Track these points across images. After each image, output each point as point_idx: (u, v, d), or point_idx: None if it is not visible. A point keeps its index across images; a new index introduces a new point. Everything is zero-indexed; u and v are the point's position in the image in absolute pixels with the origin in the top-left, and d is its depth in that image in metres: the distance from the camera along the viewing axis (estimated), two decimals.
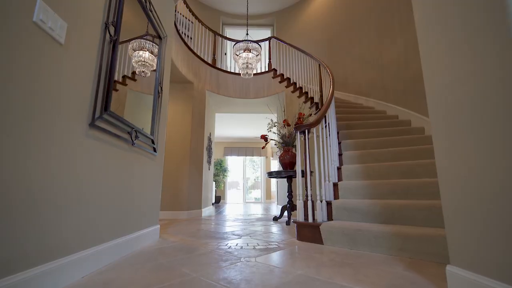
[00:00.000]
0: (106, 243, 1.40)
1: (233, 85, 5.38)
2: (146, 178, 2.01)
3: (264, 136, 3.80)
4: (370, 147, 2.88)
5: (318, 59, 4.10)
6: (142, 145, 1.92)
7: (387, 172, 2.33)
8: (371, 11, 4.60)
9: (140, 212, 1.89)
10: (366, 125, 3.40)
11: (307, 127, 2.26)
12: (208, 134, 5.39)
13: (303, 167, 2.31)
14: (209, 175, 5.48)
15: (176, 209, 4.10)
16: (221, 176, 10.08)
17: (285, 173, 3.45)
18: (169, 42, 2.60)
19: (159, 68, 2.24)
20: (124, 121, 1.61)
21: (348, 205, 2.04)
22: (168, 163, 4.26)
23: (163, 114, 2.39)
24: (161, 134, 2.33)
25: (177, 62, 4.05)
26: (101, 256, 1.33)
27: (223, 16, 7.20)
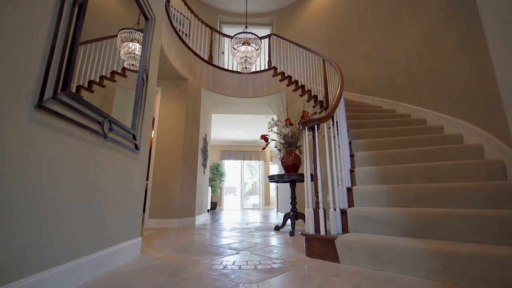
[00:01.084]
0: (58, 267, 1.04)
1: (230, 84, 5.07)
2: (124, 181, 1.66)
3: (265, 136, 3.47)
4: (384, 147, 2.56)
5: (322, 55, 3.82)
6: (120, 140, 1.58)
7: (408, 175, 2.01)
8: (375, 6, 4.35)
9: (115, 223, 1.54)
10: (377, 124, 3.09)
11: (317, 122, 1.94)
12: (204, 135, 5.05)
13: (312, 170, 1.98)
14: (204, 180, 5.13)
15: (167, 217, 3.73)
16: (218, 181, 9.70)
17: (288, 177, 3.11)
18: (158, 26, 2.28)
19: (145, 52, 1.92)
20: (93, 107, 1.27)
21: (367, 214, 1.71)
22: (158, 165, 3.91)
23: (149, 106, 2.05)
24: (145, 130, 1.99)
25: (170, 55, 3.74)
26: (49, 284, 0.98)
27: (221, 14, 6.94)
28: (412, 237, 1.50)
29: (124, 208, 1.66)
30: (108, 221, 1.46)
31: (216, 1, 6.72)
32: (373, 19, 4.38)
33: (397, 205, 1.80)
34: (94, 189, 1.32)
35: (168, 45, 3.64)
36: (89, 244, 1.27)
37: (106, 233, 1.43)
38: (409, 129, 2.81)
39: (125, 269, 1.43)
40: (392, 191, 1.84)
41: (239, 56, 3.54)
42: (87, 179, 1.25)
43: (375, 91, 4.24)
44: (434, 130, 2.73)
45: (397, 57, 3.72)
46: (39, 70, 0.95)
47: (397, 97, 3.71)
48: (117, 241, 1.56)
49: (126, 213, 1.69)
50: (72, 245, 1.14)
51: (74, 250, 1.15)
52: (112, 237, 1.50)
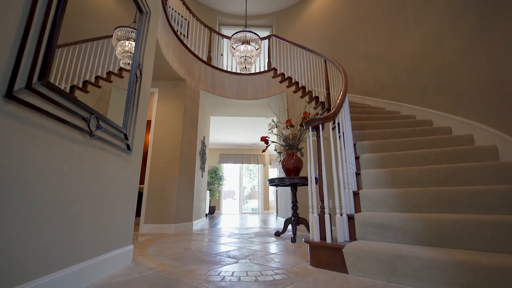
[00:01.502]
0: (31, 282, 0.91)
1: (229, 85, 4.96)
2: (114, 184, 1.53)
3: (265, 138, 3.35)
4: (390, 149, 2.44)
5: (323, 55, 3.72)
6: (109, 139, 1.45)
7: (419, 178, 1.88)
8: (377, 5, 4.27)
9: (103, 230, 1.40)
10: (381, 125, 2.98)
11: (322, 121, 1.82)
12: (202, 137, 4.92)
13: (317, 173, 1.85)
14: (202, 183, 4.98)
15: (163, 222, 3.58)
16: (216, 185, 9.54)
17: (289, 180, 2.98)
18: (154, 21, 2.17)
19: (138, 46, 1.80)
20: (77, 102, 1.15)
21: (377, 220, 1.58)
22: (155, 168, 3.77)
23: (143, 104, 1.93)
24: (139, 129, 1.86)
25: (168, 55, 3.63)
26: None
27: (220, 16, 6.88)
28: (429, 246, 1.37)
29: (113, 213, 1.52)
30: (95, 228, 1.32)
31: (215, 2, 6.65)
32: (375, 19, 4.30)
33: (409, 210, 1.67)
34: (78, 193, 1.18)
35: (165, 44, 3.53)
36: (71, 254, 1.13)
37: (92, 241, 1.29)
38: (415, 130, 2.70)
39: (112, 282, 1.29)
40: (402, 195, 1.72)
41: (239, 56, 3.44)
42: (69, 181, 1.12)
43: (378, 93, 4.14)
44: (442, 131, 2.62)
45: (401, 57, 3.63)
46: (9, 55, 0.83)
47: (401, 98, 3.61)
48: (105, 250, 1.42)
49: (116, 219, 1.56)
50: (51, 256, 1.00)
51: (52, 261, 1.01)
52: (99, 245, 1.36)
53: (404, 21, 3.62)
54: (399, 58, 3.67)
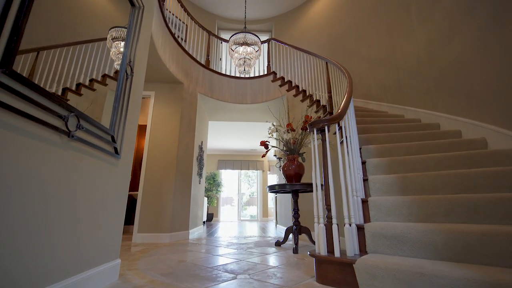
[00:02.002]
0: None
1: (228, 89, 4.85)
2: (99, 191, 1.37)
3: (264, 143, 3.21)
4: (398, 153, 2.30)
5: (325, 57, 3.62)
6: (93, 141, 1.30)
7: (433, 185, 1.74)
8: (379, 6, 4.20)
9: (84, 244, 1.24)
10: (386, 129, 2.85)
11: (328, 123, 1.68)
12: (200, 142, 4.78)
13: (322, 179, 1.70)
14: (199, 190, 4.81)
15: (157, 231, 3.40)
16: (214, 191, 9.35)
17: (290, 187, 2.83)
18: (148, 17, 2.05)
19: (129, 42, 1.67)
20: (53, 97, 1.00)
21: (391, 232, 1.43)
22: (150, 175, 3.60)
23: (134, 105, 1.79)
24: (129, 131, 1.71)
25: (164, 57, 3.51)
26: None
27: (219, 20, 6.82)
28: (452, 261, 1.22)
29: (98, 225, 1.36)
30: (76, 242, 1.16)
31: (214, 7, 6.60)
32: (377, 21, 4.23)
33: (425, 220, 1.52)
34: (54, 203, 1.03)
35: (162, 45, 3.42)
36: (48, 273, 0.97)
37: (72, 257, 1.13)
38: (422, 134, 2.57)
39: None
40: (417, 203, 1.57)
41: (237, 58, 3.32)
42: (42, 190, 0.96)
43: (380, 96, 4.03)
44: (451, 134, 2.49)
45: (404, 58, 3.53)
46: None
47: (405, 101, 3.50)
48: (87, 266, 1.25)
49: (102, 231, 1.39)
50: (22, 277, 0.84)
51: (24, 283, 0.85)
52: (80, 261, 1.20)
53: (407, 22, 3.53)
54: (402, 60, 3.57)
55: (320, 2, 5.90)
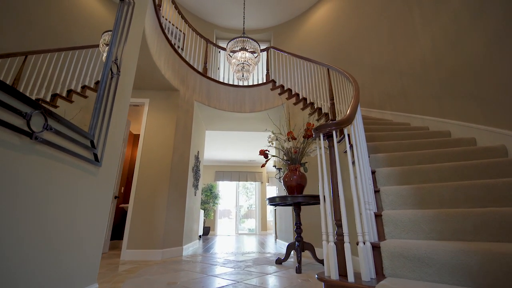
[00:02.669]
0: None
1: (226, 97, 4.71)
2: (73, 205, 1.17)
3: (264, 152, 3.02)
4: (410, 162, 2.13)
5: (326, 64, 3.50)
6: (65, 145, 1.11)
7: (454, 197, 1.55)
8: (380, 13, 4.14)
9: (57, 269, 1.02)
10: (394, 136, 2.69)
11: (335, 127, 1.51)
12: (196, 152, 4.58)
13: (329, 190, 1.51)
14: (195, 202, 4.57)
15: (148, 247, 3.15)
16: (211, 204, 9.05)
17: (291, 199, 2.63)
18: (139, 14, 1.91)
19: (116, 37, 1.51)
20: (9, 89, 0.82)
21: (412, 251, 1.23)
22: (141, 186, 3.38)
23: (120, 107, 1.61)
24: (113, 136, 1.53)
25: (159, 63, 3.38)
26: None
27: (217, 30, 6.79)
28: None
29: (69, 245, 1.15)
30: (44, 266, 0.95)
31: (212, 17, 6.59)
32: (378, 28, 4.16)
33: (450, 237, 1.32)
34: (12, 220, 0.83)
35: (157, 51, 3.29)
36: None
37: (38, 285, 0.92)
38: (433, 142, 2.40)
39: None
40: (440, 218, 1.37)
41: (235, 64, 3.19)
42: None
43: (383, 104, 3.90)
44: (465, 142, 2.32)
45: (409, 64, 3.42)
46: None
47: (410, 108, 3.36)
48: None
49: (73, 253, 1.18)
50: None
51: None
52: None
53: (410, 28, 3.45)
54: (406, 66, 3.46)
55: (319, 12, 5.90)
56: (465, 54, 2.52)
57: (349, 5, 5.07)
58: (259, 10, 6.36)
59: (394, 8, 3.83)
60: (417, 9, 3.32)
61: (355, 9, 4.86)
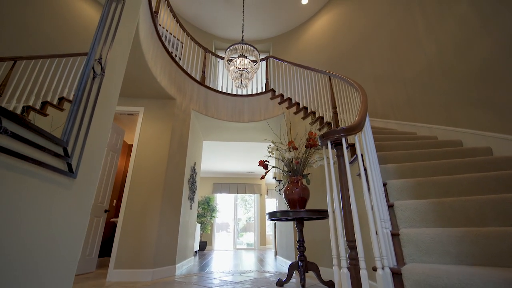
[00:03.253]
0: None
1: (224, 106, 4.58)
2: (36, 224, 0.98)
3: (264, 163, 2.84)
4: (424, 173, 1.95)
5: (329, 72, 3.39)
6: (27, 152, 0.93)
7: (481, 213, 1.36)
8: (381, 23, 4.08)
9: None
10: (402, 146, 2.52)
11: (345, 134, 1.34)
12: (192, 163, 4.39)
13: (336, 206, 1.32)
14: (190, 216, 4.33)
15: (138, 267, 2.89)
16: (209, 217, 8.74)
17: (293, 214, 2.42)
18: (131, 13, 1.78)
19: (101, 34, 1.36)
20: None
21: (442, 280, 1.03)
22: (132, 200, 3.17)
23: (103, 111, 1.44)
24: (93, 144, 1.35)
25: (155, 70, 3.25)
26: None
27: (216, 41, 6.76)
28: None
29: (32, 275, 0.94)
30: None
31: (212, 27, 6.57)
32: (380, 36, 4.08)
33: (486, 262, 1.13)
34: None
35: (152, 57, 3.17)
36: None
37: None
38: (446, 151, 2.23)
39: None
40: (468, 238, 1.18)
41: (234, 71, 3.06)
42: None
43: (387, 114, 3.76)
44: (481, 152, 2.16)
45: (413, 72, 3.31)
46: None
47: (417, 117, 3.22)
48: None
49: (42, 279, 0.97)
50: None
51: None
52: None
53: (413, 35, 3.36)
54: (410, 74, 3.35)
55: (318, 23, 5.88)
56: (477, 59, 2.40)
57: (348, 15, 5.05)
58: (258, 21, 6.35)
59: (396, 16, 3.76)
60: (420, 16, 3.24)
61: (355, 18, 4.82)
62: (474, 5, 2.48)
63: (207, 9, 6.00)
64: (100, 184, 3.66)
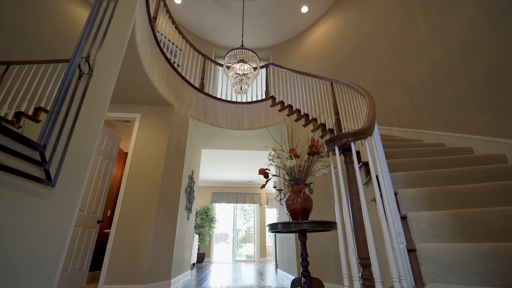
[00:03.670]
0: None
1: (223, 113, 4.48)
2: (8, 241, 0.84)
3: (264, 171, 2.71)
4: (436, 182, 1.82)
5: (330, 78, 3.31)
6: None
7: (507, 226, 1.23)
8: (383, 28, 4.04)
9: None
10: (409, 154, 2.40)
11: (353, 138, 1.22)
12: (190, 172, 4.25)
13: (346, 216, 1.19)
14: (187, 228, 4.16)
15: (130, 282, 2.72)
16: (207, 228, 8.51)
17: (296, 226, 2.26)
18: (125, 11, 1.70)
19: (89, 29, 1.26)
20: None
21: None
22: (126, 211, 3.02)
23: (91, 114, 1.33)
24: (77, 150, 1.23)
25: (152, 76, 3.16)
26: None
27: (216, 49, 6.74)
28: None
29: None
30: None
31: (211, 36, 6.56)
32: (380, 42, 4.03)
33: None
34: None
35: (150, 63, 3.09)
36: None
37: None
38: (459, 159, 2.11)
39: None
40: (498, 256, 1.05)
41: (233, 77, 2.98)
42: None
43: (391, 121, 3.66)
44: (493, 159, 2.04)
45: (417, 78, 3.22)
46: None
47: (421, 124, 3.11)
48: None
49: None
50: None
51: None
52: None
53: (416, 40, 3.30)
54: (414, 79, 3.27)
55: (319, 30, 5.87)
56: (486, 63, 2.31)
57: (349, 22, 5.02)
58: (258, 30, 6.35)
59: (397, 21, 3.72)
60: (423, 20, 3.19)
61: (356, 25, 4.79)
62: (480, 6, 2.41)
63: (207, 17, 6.00)
64: (94, 193, 3.51)
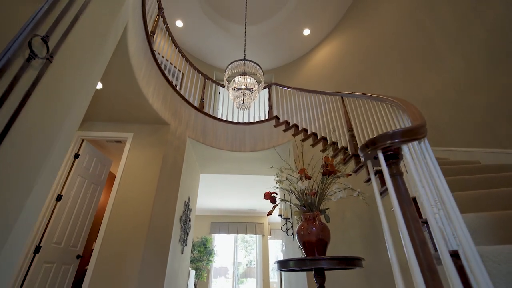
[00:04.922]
0: None
1: (224, 134, 4.17)
2: None
3: (270, 195, 2.31)
4: (494, 206, 1.43)
5: (340, 92, 3.06)
6: None
7: None
8: (390, 44, 3.88)
9: None
10: (447, 172, 2.03)
11: (405, 139, 0.87)
12: (186, 198, 3.82)
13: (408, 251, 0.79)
14: (181, 263, 3.62)
15: None
16: (205, 262, 7.76)
17: (312, 263, 1.82)
18: (111, 4, 1.45)
19: (48, 2, 0.98)
20: None
21: None
22: (107, 243, 2.56)
23: (47, 115, 0.99)
24: (10, 167, 0.87)
25: (147, 90, 2.91)
26: None
27: (217, 71, 6.67)
28: None
29: None
30: None
31: (212, 58, 6.53)
32: (390, 58, 3.85)
33: None
34: None
35: (144, 76, 2.85)
36: None
37: None
38: (504, 177, 1.74)
39: None
40: None
41: (235, 90, 2.71)
42: None
43: None
44: None
45: (436, 90, 2.96)
46: None
47: (446, 141, 2.77)
48: None
49: None
50: None
51: None
52: None
53: (430, 51, 3.09)
54: (433, 93, 3.00)
55: (322, 52, 5.80)
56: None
57: (352, 42, 4.93)
58: (260, 53, 6.31)
59: (406, 36, 3.55)
60: (438, 31, 3.00)
61: (360, 44, 4.68)
62: (508, 4, 2.21)
63: (208, 40, 5.99)
64: (75, 222, 3.07)
